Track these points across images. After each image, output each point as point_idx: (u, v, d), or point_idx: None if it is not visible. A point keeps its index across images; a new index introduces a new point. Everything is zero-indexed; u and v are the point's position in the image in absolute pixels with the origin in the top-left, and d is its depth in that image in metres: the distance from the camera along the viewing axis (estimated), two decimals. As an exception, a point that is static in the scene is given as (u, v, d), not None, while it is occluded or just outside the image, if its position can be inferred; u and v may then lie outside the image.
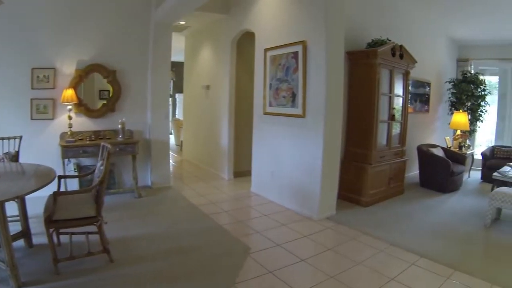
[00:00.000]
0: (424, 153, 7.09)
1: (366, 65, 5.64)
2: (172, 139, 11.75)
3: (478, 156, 8.75)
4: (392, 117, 6.00)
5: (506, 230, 4.99)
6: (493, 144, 9.19)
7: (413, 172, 7.94)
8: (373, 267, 3.70)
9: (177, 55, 10.00)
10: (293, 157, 5.46)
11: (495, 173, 5.86)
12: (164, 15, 6.08)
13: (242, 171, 7.42)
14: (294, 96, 5.36)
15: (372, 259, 3.89)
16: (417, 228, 4.95)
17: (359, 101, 5.79)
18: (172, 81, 14.49)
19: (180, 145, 11.21)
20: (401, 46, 5.94)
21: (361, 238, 4.47)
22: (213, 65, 7.97)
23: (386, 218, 5.29)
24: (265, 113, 6.03)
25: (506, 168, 6.32)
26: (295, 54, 5.30)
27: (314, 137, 5.05)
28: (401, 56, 5.98)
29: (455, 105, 8.77)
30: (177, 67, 13.03)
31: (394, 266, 3.77)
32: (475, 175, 8.49)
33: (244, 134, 7.18)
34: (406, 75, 6.32)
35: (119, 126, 5.85)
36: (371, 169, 5.64)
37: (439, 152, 7.22)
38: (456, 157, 7.36)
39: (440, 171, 6.78)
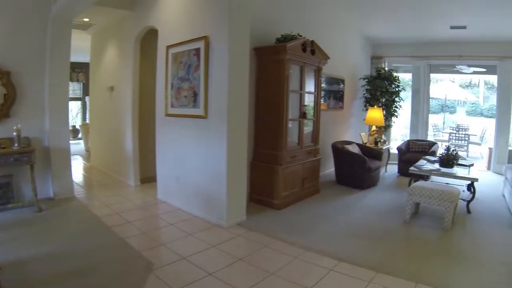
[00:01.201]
0: (339, 151, 6.96)
1: (275, 61, 5.34)
2: (82, 145, 11.22)
3: (394, 151, 8.85)
4: (303, 115, 5.76)
5: (425, 224, 4.98)
6: (408, 138, 9.42)
7: (330, 169, 7.83)
8: (288, 277, 3.40)
9: (85, 56, 9.27)
10: (197, 161, 5.07)
11: (411, 168, 5.86)
12: (62, 9, 5.42)
13: (150, 177, 6.89)
14: (195, 95, 4.96)
15: (287, 268, 3.60)
16: (335, 229, 4.74)
17: (268, 99, 5.48)
18: (82, 83, 13.72)
19: (89, 151, 10.49)
20: (312, 42, 5.71)
21: (275, 245, 4.16)
22: (117, 65, 7.36)
23: (301, 220, 5.04)
24: (167, 115, 5.56)
25: (422, 162, 6.38)
26: (197, 51, 4.90)
27: (217, 139, 4.69)
28: (313, 52, 5.75)
29: (370, 101, 8.79)
30: (87, 69, 12.21)
31: (311, 274, 3.50)
32: (392, 169, 8.60)
33: (150, 138, 6.64)
34: (318, 72, 6.10)
35: (14, 133, 5.14)
36: (282, 170, 5.36)
37: (354, 149, 7.13)
38: (372, 153, 7.33)
39: (357, 168, 6.69)
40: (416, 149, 8.40)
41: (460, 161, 6.12)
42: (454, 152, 5.98)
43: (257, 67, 5.59)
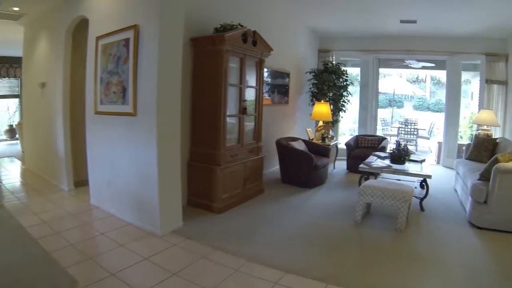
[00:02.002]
0: (284, 148, 6.66)
1: (212, 53, 4.97)
2: (19, 145, 10.40)
3: (342, 146, 8.68)
4: (243, 111, 5.41)
5: (378, 225, 4.80)
6: (357, 133, 9.25)
7: (275, 167, 7.55)
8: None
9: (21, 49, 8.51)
10: (128, 163, 4.65)
11: (361, 165, 5.68)
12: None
13: (84, 180, 6.32)
14: (124, 91, 4.53)
15: (225, 283, 3.26)
16: (280, 235, 4.42)
17: (205, 94, 5.11)
18: (19, 79, 12.66)
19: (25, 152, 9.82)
20: (254, 32, 5.38)
21: (214, 255, 3.80)
22: (49, 59, 6.75)
23: (243, 225, 4.70)
24: (97, 113, 5.10)
25: (372, 158, 6.20)
26: (127, 41, 4.47)
27: (147, 139, 4.29)
28: (254, 43, 5.41)
29: (317, 96, 8.56)
30: (25, 63, 11.47)
31: (253, 289, 3.16)
32: (341, 165, 8.42)
33: (83, 138, 6.11)
34: (260, 64, 5.77)
35: None
36: (221, 171, 5.01)
37: (300, 146, 6.87)
38: (319, 150, 7.10)
39: (303, 166, 6.42)
40: (365, 145, 8.26)
41: (411, 157, 5.94)
42: (405, 147, 5.79)
43: (194, 59, 5.21)
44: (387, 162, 5.85)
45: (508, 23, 7.34)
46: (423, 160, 6.24)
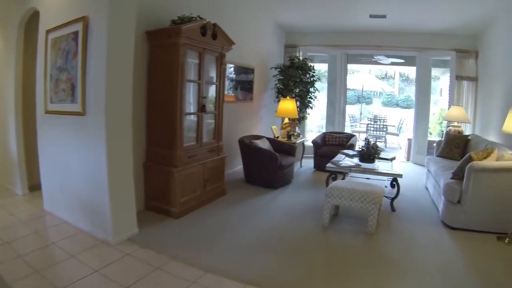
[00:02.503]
0: (247, 146, 6.39)
1: (168, 47, 4.66)
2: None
3: (310, 143, 8.49)
4: (202, 108, 5.13)
5: (347, 228, 4.60)
6: (324, 131, 9.06)
7: (239, 166, 7.25)
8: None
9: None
10: (79, 166, 4.32)
11: (328, 164, 5.50)
12: None
13: (39, 184, 6.00)
14: (73, 88, 4.19)
15: None
16: (241, 241, 4.18)
17: (161, 91, 4.80)
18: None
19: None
20: (214, 25, 5.10)
21: (169, 266, 3.53)
22: (0, 55, 6.36)
23: (202, 231, 4.42)
24: (47, 112, 4.74)
25: (340, 156, 6.02)
26: (76, 34, 4.13)
27: (96, 140, 3.97)
28: (214, 36, 5.13)
29: (282, 92, 8.33)
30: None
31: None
32: (308, 164, 8.22)
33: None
34: (220, 59, 5.48)
35: None
36: (178, 173, 4.71)
37: (264, 144, 6.63)
38: (285, 148, 6.87)
39: (267, 166, 6.18)
40: (333, 142, 8.10)
41: (381, 155, 5.77)
42: (375, 145, 5.61)
43: (150, 53, 4.91)
44: (355, 160, 5.68)
45: (477, 20, 7.34)
46: (393, 158, 6.10)
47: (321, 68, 10.68)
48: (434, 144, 7.58)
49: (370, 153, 5.53)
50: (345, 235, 4.39)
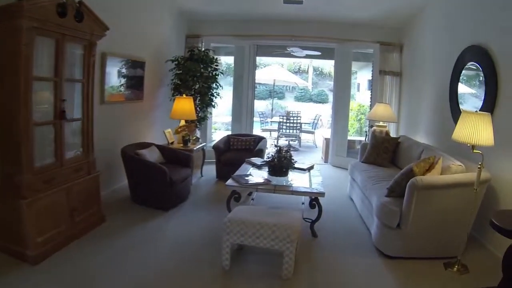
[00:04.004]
0: (130, 159, 5.11)
1: (8, 31, 3.27)
2: None
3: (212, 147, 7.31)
4: (61, 115, 3.75)
5: (254, 270, 3.57)
6: (228, 133, 8.02)
7: (125, 181, 5.67)
8: None
9: None
10: None
11: (229, 181, 4.45)
12: None
13: None
14: None
15: None
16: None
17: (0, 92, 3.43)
18: None
19: None
20: (80, 3, 3.74)
21: None
22: None
23: (66, 284, 3.18)
24: None
25: (245, 168, 5.06)
26: None
27: None
28: (80, 19, 3.76)
29: (180, 89, 7.13)
30: None
31: None
32: (211, 170, 7.05)
33: None
34: (89, 48, 4.12)
35: None
36: (28, 206, 3.35)
37: (152, 154, 5.43)
38: (179, 157, 5.71)
39: (153, 182, 4.99)
40: (238, 147, 7.08)
41: (296, 164, 4.93)
42: (288, 154, 4.71)
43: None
44: (265, 173, 4.76)
45: (403, 11, 6.95)
46: (311, 167, 5.25)
47: (228, 61, 9.68)
48: (358, 147, 6.82)
49: (282, 165, 4.62)
50: (253, 282, 3.37)
